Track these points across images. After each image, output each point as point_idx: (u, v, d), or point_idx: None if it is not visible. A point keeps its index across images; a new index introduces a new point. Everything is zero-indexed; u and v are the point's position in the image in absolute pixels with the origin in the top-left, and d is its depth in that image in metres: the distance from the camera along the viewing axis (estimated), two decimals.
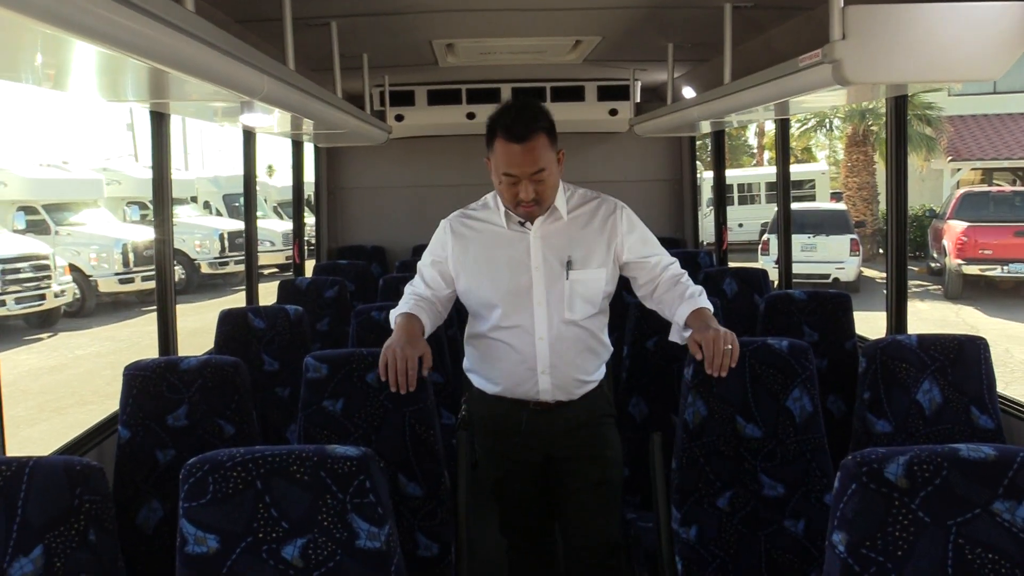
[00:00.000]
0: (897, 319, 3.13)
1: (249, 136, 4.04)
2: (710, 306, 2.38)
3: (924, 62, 2.14)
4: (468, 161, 5.73)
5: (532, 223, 2.35)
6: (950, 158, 18.63)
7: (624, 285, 2.67)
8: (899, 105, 3.00)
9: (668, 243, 5.61)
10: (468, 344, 2.53)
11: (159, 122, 2.97)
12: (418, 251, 5.82)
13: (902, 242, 3.13)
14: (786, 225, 4.22)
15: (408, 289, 2.50)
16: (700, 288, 2.43)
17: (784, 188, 4.25)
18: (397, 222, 5.96)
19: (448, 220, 2.49)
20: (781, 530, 2.30)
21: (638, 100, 5.23)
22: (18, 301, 12.77)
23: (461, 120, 5.24)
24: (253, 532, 1.51)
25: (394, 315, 2.41)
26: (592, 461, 2.48)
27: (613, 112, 5.22)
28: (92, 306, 14.54)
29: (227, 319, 3.32)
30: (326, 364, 2.39)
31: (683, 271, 2.49)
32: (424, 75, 5.03)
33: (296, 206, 5.26)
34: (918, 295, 14.13)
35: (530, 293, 2.34)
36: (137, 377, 2.46)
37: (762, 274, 4.17)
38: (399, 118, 5.21)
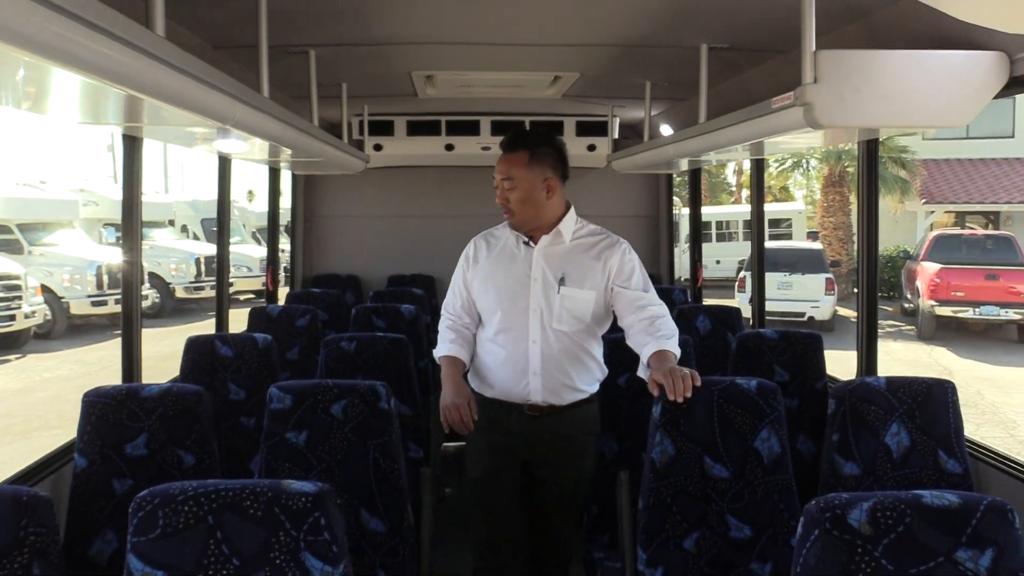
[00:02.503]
0: (867, 360, 3.14)
1: (224, 162, 4.01)
2: (676, 350, 2.46)
3: (894, 107, 2.16)
4: (447, 192, 5.73)
5: (536, 242, 2.60)
6: (924, 200, 18.90)
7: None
8: (870, 148, 3.04)
9: None
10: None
11: (132, 145, 2.94)
12: (394, 281, 5.79)
13: (872, 284, 3.15)
14: (759, 264, 4.24)
15: (443, 315, 2.74)
16: (674, 331, 2.50)
17: (758, 227, 4.27)
18: (373, 252, 5.93)
19: (475, 237, 2.77)
20: (748, 573, 2.28)
21: (616, 136, 5.26)
22: None
23: (440, 151, 5.24)
24: (203, 569, 1.47)
25: (437, 355, 2.67)
26: (563, 472, 2.65)
27: (591, 148, 5.24)
28: (63, 328, 14.28)
29: (193, 346, 3.26)
30: (290, 395, 2.35)
31: (666, 315, 2.56)
32: (403, 106, 5.04)
33: (271, 233, 5.22)
34: (892, 335, 14.24)
35: (527, 302, 2.57)
36: (96, 404, 2.41)
37: (735, 312, 4.18)
38: (378, 148, 5.20)
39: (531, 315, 2.57)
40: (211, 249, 17.55)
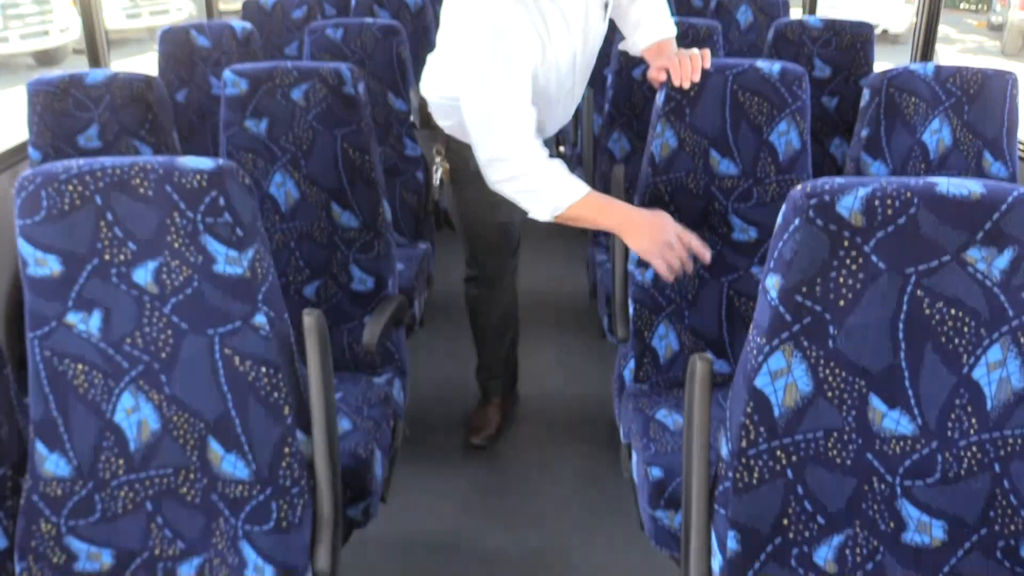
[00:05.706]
0: (924, 45, 2.69)
1: None
2: (673, 32, 2.19)
3: None
4: None
5: None
6: None
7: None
8: None
9: None
10: None
11: None
12: None
13: None
14: None
15: (524, 150, 1.89)
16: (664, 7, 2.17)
17: None
18: None
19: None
20: (748, 277, 2.09)
21: None
22: (23, 37, 12.22)
23: None
24: (98, 254, 1.31)
25: (575, 197, 1.89)
26: None
27: None
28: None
29: (168, 37, 2.98)
30: (246, 78, 2.10)
31: None
32: None
33: None
34: (971, 50, 13.08)
35: (572, 80, 2.15)
36: (40, 94, 2.22)
37: (782, 1, 3.67)
38: None
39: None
40: None
